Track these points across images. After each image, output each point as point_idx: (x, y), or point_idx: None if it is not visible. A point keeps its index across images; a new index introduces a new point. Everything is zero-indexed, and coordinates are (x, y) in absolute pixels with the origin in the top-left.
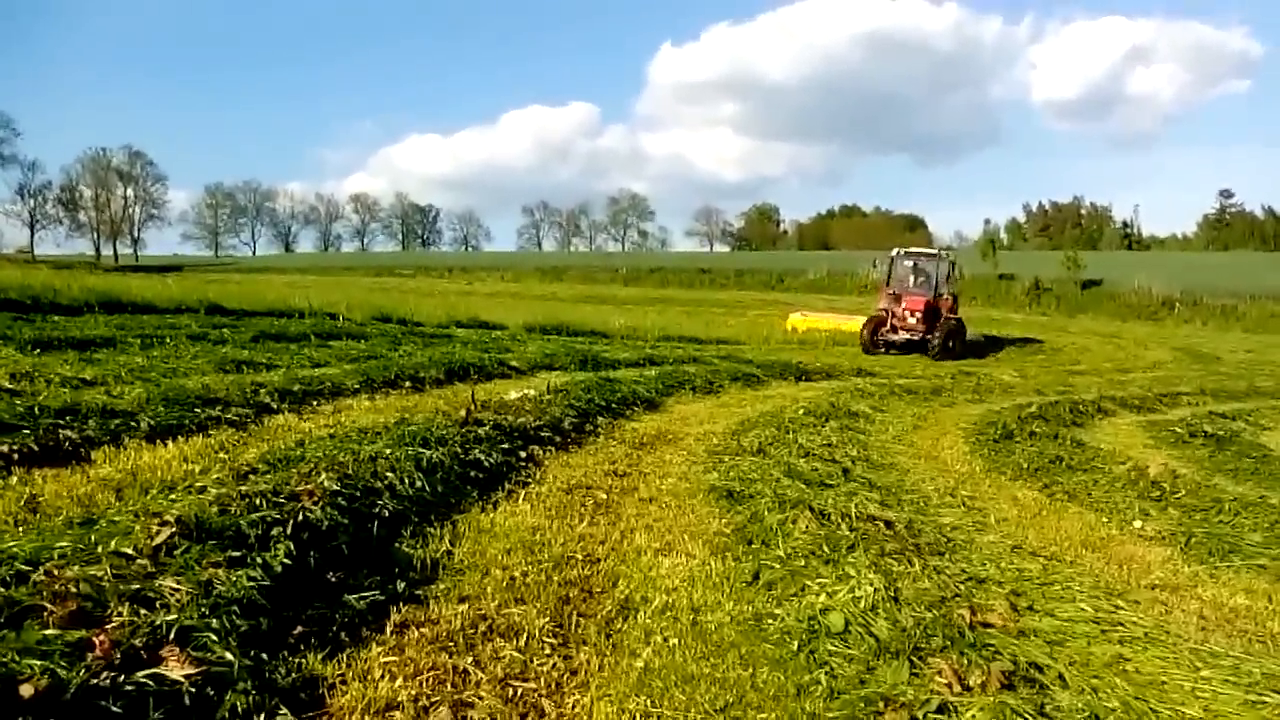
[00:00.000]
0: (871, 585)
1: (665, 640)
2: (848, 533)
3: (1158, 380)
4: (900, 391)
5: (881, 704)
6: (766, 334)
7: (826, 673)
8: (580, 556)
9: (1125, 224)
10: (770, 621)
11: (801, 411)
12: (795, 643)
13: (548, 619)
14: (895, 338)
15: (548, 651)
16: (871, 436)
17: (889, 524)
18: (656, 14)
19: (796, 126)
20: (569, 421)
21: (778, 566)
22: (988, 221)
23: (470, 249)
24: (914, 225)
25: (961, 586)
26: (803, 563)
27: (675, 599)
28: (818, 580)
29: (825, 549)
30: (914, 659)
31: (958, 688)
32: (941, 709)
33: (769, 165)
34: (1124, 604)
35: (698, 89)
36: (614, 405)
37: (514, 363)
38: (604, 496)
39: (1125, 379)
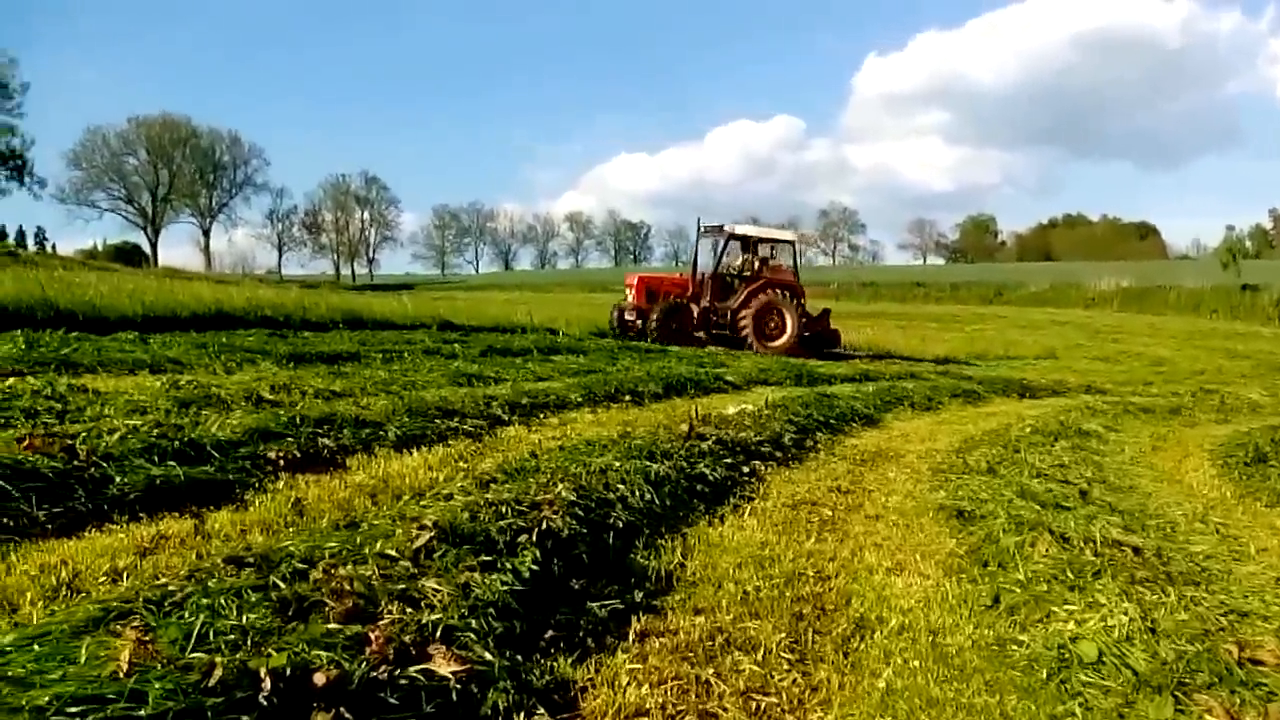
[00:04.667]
0: (1125, 614)
1: (905, 661)
2: (1092, 558)
3: None
4: (1135, 410)
5: None
6: (984, 349)
7: (1081, 704)
8: (811, 573)
9: None
10: (1015, 648)
11: (1028, 430)
12: (1044, 671)
13: (784, 634)
14: (634, 320)
15: (786, 667)
16: (1106, 457)
17: (1136, 550)
18: (861, 25)
19: (1009, 133)
20: (789, 437)
21: (1018, 591)
22: (1230, 228)
23: (681, 264)
24: (1144, 233)
25: (1223, 619)
26: (1045, 588)
27: (912, 620)
28: (1064, 607)
29: (1069, 574)
30: (1178, 694)
31: None
32: None
33: (980, 174)
34: None
35: (905, 98)
36: (832, 421)
37: (730, 377)
38: (829, 513)
39: None
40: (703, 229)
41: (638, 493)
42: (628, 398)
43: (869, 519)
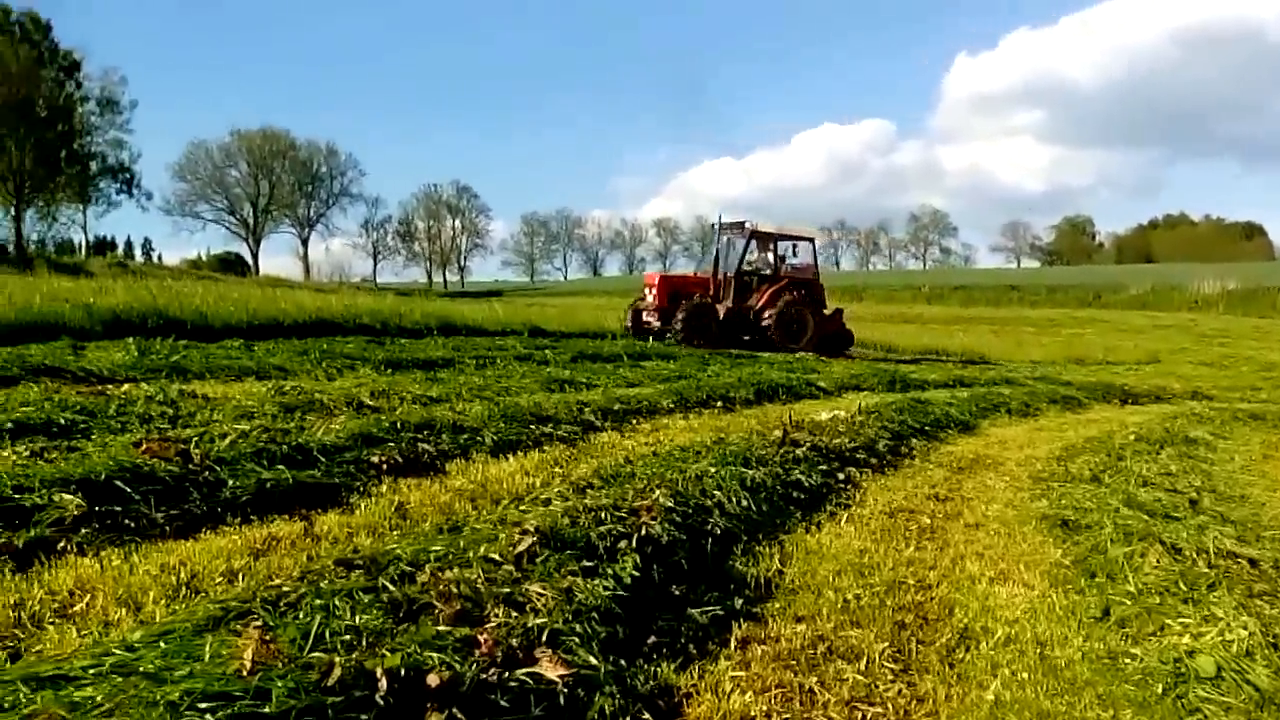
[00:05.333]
0: (1244, 628)
1: (1013, 673)
2: (1206, 570)
3: None
4: (1244, 417)
5: None
6: (1083, 353)
7: None
8: (911, 582)
9: None
10: (1128, 661)
11: (1132, 437)
12: (1159, 685)
13: (886, 644)
14: (653, 321)
15: (890, 677)
16: (1215, 466)
17: (1253, 562)
18: (950, 25)
19: (1105, 133)
20: (884, 443)
21: (1129, 603)
22: None
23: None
24: (1250, 233)
25: None
26: (1157, 600)
27: (1018, 631)
28: (1178, 620)
29: (1182, 586)
30: None
31: None
32: None
33: (1075, 175)
34: None
35: (996, 99)
36: (927, 427)
37: (821, 383)
38: (927, 521)
39: None
40: (721, 226)
41: (734, 499)
42: (719, 403)
43: (969, 528)
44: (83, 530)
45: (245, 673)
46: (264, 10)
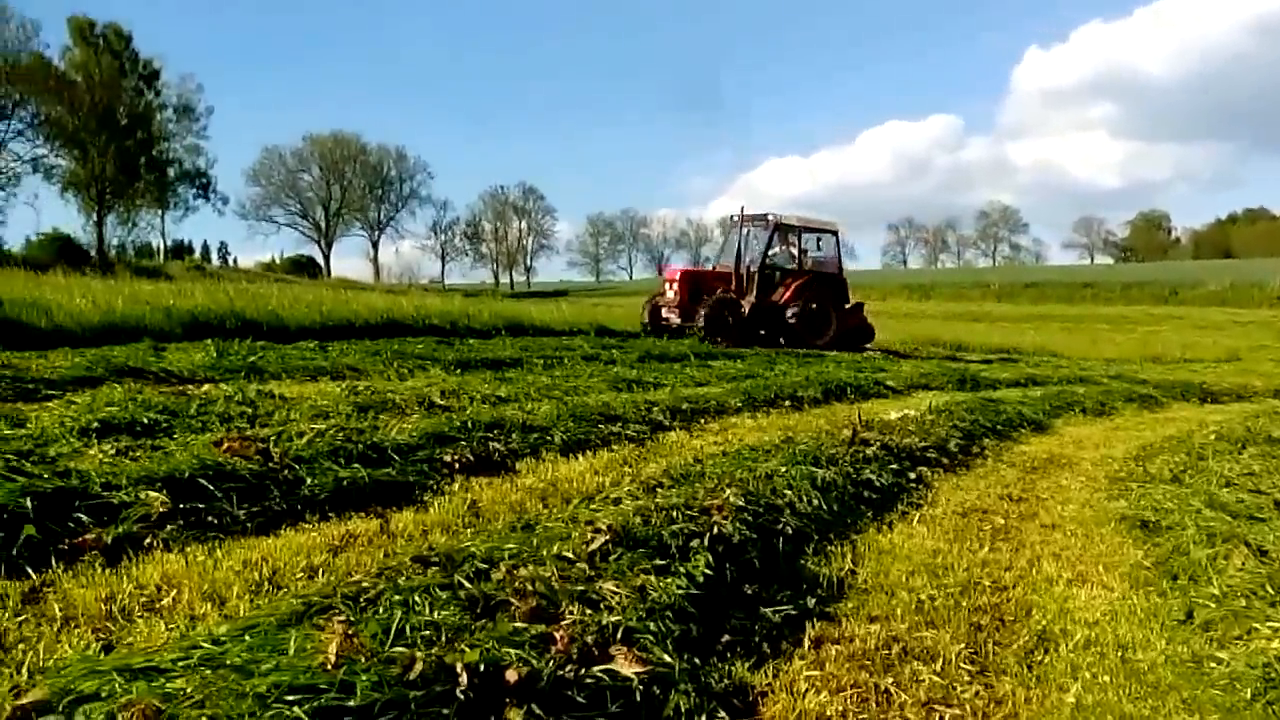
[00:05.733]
0: None
1: (1094, 676)
2: None
3: None
4: None
5: None
6: (1160, 351)
7: None
8: (987, 583)
9: None
10: (1213, 665)
11: (1213, 436)
12: (1247, 690)
13: (962, 645)
14: (672, 318)
15: (967, 679)
16: None
17: None
18: (1020, 19)
19: (1182, 126)
20: (955, 443)
21: (1213, 606)
22: None
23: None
24: None
25: None
26: (1243, 603)
27: (1098, 634)
28: (1267, 623)
29: (1269, 589)
30: None
31: None
32: None
33: (1151, 169)
34: None
35: (1068, 93)
36: (999, 427)
37: (890, 382)
38: (1001, 521)
39: None
40: (743, 218)
41: (805, 498)
42: (787, 402)
43: (1045, 528)
44: (168, 526)
45: (329, 666)
46: (333, 16)
